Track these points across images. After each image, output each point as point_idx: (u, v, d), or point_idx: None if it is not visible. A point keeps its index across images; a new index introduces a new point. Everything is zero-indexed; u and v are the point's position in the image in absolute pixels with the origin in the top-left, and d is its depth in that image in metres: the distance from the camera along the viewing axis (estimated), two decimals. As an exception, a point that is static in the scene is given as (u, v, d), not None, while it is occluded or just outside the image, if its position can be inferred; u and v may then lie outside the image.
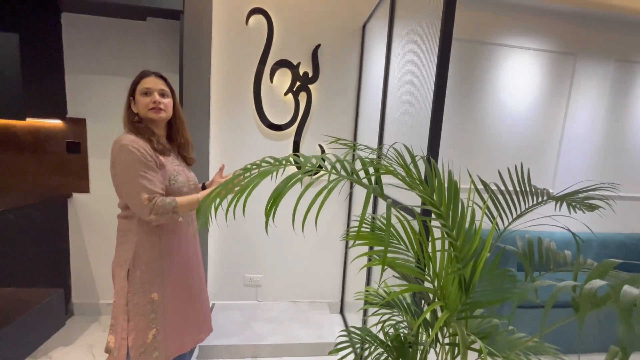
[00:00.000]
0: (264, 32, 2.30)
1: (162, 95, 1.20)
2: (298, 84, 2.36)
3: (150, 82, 1.18)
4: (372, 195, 0.87)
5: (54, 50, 2.08)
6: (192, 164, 1.38)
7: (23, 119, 1.87)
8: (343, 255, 2.65)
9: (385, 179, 1.13)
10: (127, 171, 1.11)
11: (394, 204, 1.50)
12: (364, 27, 2.39)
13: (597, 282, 0.63)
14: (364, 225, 1.04)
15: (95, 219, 2.33)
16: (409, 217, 0.95)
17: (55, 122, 2.19)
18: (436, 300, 0.87)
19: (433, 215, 0.92)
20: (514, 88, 2.58)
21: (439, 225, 0.91)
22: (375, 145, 1.98)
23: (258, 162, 0.87)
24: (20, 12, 1.86)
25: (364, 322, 2.10)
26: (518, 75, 2.57)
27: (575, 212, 1.09)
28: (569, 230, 0.97)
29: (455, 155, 2.57)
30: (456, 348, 0.96)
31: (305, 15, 2.33)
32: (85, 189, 2.30)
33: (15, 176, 2.19)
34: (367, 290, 1.23)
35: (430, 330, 1.01)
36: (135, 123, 1.19)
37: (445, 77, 1.19)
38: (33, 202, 1.99)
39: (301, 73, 2.36)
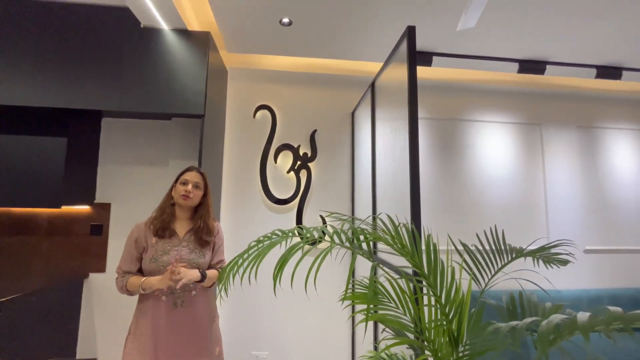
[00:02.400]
0: (268, 122, 2.72)
1: (196, 186, 1.46)
2: (299, 163, 2.69)
3: (190, 176, 1.47)
4: (371, 260, 1.03)
5: (92, 147, 2.47)
6: (205, 246, 1.50)
7: (59, 207, 2.12)
8: (350, 321, 2.62)
9: (382, 245, 1.30)
10: (125, 245, 1.45)
11: (388, 266, 1.63)
12: (353, 113, 2.82)
13: (557, 317, 0.75)
14: (360, 286, 1.17)
15: (107, 299, 2.41)
16: (396, 276, 1.09)
17: (84, 208, 2.46)
18: (426, 352, 0.96)
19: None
20: (492, 156, 2.89)
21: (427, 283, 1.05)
22: (370, 212, 2.19)
23: (269, 235, 1.07)
24: (71, 120, 2.27)
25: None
26: (493, 146, 2.91)
27: (547, 267, 1.23)
28: (536, 284, 1.10)
29: (447, 218, 2.75)
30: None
31: (303, 106, 2.78)
32: (101, 268, 2.44)
33: (40, 259, 2.36)
34: (370, 357, 1.28)
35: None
36: (169, 205, 1.46)
37: (416, 149, 1.44)
38: (52, 285, 2.12)
39: (301, 154, 2.71)
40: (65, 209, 2.42)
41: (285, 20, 2.08)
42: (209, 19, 2.26)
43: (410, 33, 1.50)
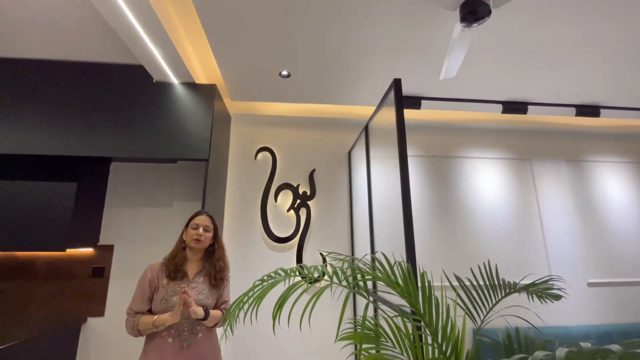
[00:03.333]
0: (269, 163, 2.85)
1: (206, 229, 1.55)
2: (298, 201, 2.77)
3: (200, 220, 1.55)
4: (368, 298, 1.07)
5: (100, 190, 2.57)
6: (216, 287, 1.54)
7: (64, 250, 2.17)
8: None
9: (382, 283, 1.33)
10: (137, 285, 1.49)
11: (389, 304, 1.64)
12: (349, 153, 2.96)
13: (540, 353, 0.78)
14: (360, 325, 1.19)
15: (104, 345, 2.36)
16: (394, 314, 1.11)
17: (87, 250, 2.50)
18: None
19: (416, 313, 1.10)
20: (486, 190, 2.97)
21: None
22: (368, 248, 2.23)
23: (272, 274, 1.12)
24: (82, 166, 2.40)
25: None
26: (487, 181, 3.00)
27: (541, 301, 1.25)
28: (525, 320, 1.13)
29: (444, 252, 2.76)
30: None
31: (302, 147, 2.93)
32: (100, 312, 2.42)
33: (40, 303, 2.35)
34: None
35: None
36: (180, 249, 1.53)
37: (407, 187, 1.53)
38: (49, 331, 2.09)
39: (300, 192, 2.80)
40: (69, 251, 2.46)
41: (284, 72, 2.28)
42: (215, 72, 2.48)
43: (396, 84, 1.66)
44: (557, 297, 1.27)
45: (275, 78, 2.36)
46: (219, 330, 1.69)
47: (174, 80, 2.31)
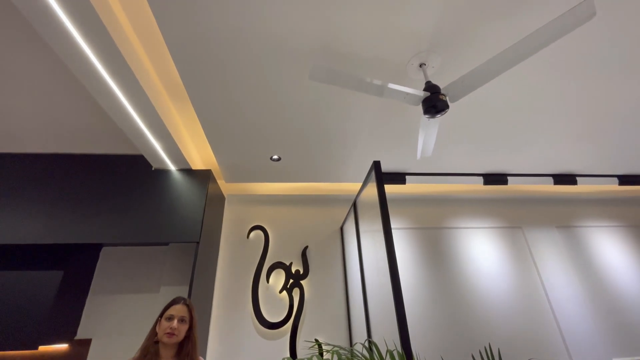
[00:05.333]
0: (261, 242, 2.84)
1: (181, 321, 1.43)
2: (291, 281, 2.68)
3: (175, 310, 1.42)
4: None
5: (87, 277, 2.49)
6: None
7: (36, 348, 2.00)
8: None
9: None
10: None
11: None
12: (341, 228, 2.98)
13: None
14: None
15: None
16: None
17: (62, 347, 2.30)
18: None
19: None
20: (481, 261, 2.91)
21: None
22: (364, 332, 2.08)
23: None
24: (69, 252, 2.38)
25: None
26: (480, 251, 2.97)
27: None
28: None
29: (441, 333, 2.56)
30: None
31: (295, 224, 2.96)
32: None
33: (-4, 417, 2.06)
34: None
35: None
36: (152, 344, 1.39)
37: (393, 256, 1.51)
38: None
39: (293, 271, 2.73)
40: (42, 348, 2.26)
41: (275, 157, 2.46)
42: (210, 157, 2.67)
43: (376, 166, 1.79)
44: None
45: (267, 162, 2.53)
46: None
47: (172, 167, 2.46)
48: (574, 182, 2.90)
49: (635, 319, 2.81)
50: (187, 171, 2.50)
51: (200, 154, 2.65)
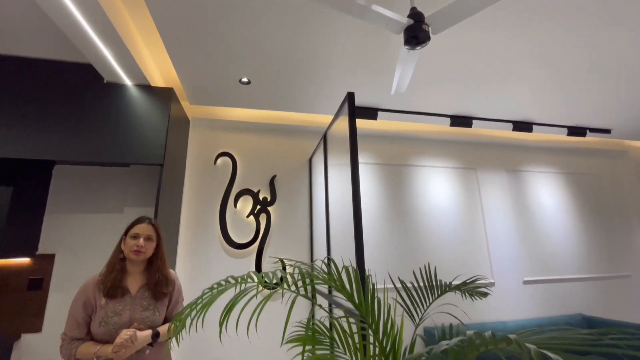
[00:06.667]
0: (229, 168, 2.83)
1: (148, 239, 1.41)
2: (258, 207, 2.78)
3: (141, 229, 1.41)
4: (313, 302, 1.12)
5: (40, 196, 2.38)
6: (161, 299, 1.44)
7: (-6, 260, 1.98)
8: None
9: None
10: (70, 307, 1.35)
11: (345, 307, 1.71)
12: (310, 160, 3.03)
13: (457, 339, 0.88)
14: (311, 329, 1.24)
15: (41, 363, 2.18)
16: (336, 315, 1.18)
17: (23, 260, 2.29)
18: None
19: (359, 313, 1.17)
20: (437, 197, 3.20)
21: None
22: (325, 253, 2.30)
23: (222, 282, 1.13)
24: (17, 168, 2.21)
25: None
26: (437, 188, 3.23)
27: (472, 299, 1.39)
28: (453, 315, 1.25)
29: (394, 257, 2.92)
30: None
31: (263, 154, 2.95)
32: (37, 328, 2.23)
33: (-37, 321, 2.12)
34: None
35: None
36: (118, 261, 1.40)
37: (358, 191, 1.61)
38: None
39: (261, 198, 2.81)
40: (2, 261, 2.24)
41: (245, 79, 2.30)
42: (173, 75, 2.43)
43: (350, 97, 1.75)
44: (485, 295, 1.42)
45: (235, 84, 2.36)
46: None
47: (127, 81, 2.22)
48: (530, 130, 3.10)
49: (547, 249, 3.37)
50: (146, 88, 2.27)
51: (160, 70, 2.40)
